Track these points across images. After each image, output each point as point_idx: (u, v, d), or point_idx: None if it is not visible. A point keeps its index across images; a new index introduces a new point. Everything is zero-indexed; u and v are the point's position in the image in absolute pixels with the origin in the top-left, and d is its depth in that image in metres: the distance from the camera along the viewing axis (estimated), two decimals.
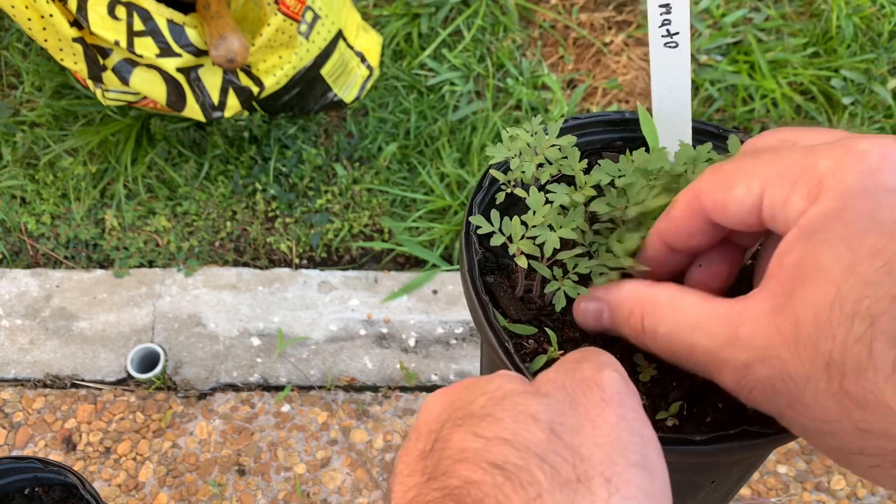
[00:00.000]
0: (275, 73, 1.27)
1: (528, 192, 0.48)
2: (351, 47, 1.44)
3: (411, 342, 1.29)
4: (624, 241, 0.45)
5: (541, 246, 0.47)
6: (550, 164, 0.51)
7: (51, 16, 1.07)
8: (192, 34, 1.14)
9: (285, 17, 1.18)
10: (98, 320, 1.30)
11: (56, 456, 1.18)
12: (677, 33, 0.49)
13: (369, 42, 1.51)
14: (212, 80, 1.22)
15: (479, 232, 0.49)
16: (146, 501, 1.15)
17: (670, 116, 0.53)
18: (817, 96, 1.54)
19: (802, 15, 1.66)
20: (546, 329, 0.49)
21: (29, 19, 1.08)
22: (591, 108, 1.55)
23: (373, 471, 1.17)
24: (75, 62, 1.14)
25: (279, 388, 1.25)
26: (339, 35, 1.39)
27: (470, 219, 0.49)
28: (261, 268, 1.38)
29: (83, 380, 1.25)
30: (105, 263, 1.39)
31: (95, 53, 1.13)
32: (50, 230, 1.42)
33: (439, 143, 1.47)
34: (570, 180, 0.53)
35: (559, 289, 0.48)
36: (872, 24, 1.61)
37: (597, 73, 1.59)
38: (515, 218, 0.48)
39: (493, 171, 0.53)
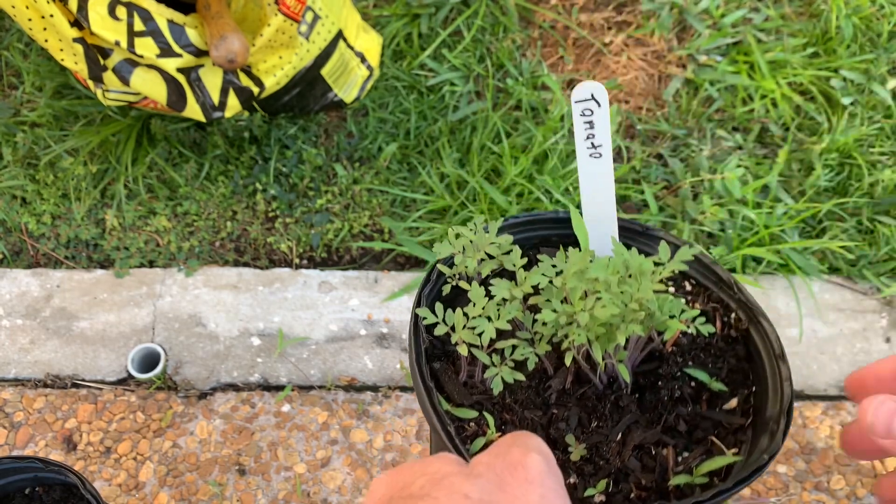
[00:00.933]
0: (275, 74, 1.27)
1: (470, 286, 0.54)
2: (351, 47, 1.44)
3: None
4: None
5: (480, 335, 0.52)
6: (492, 258, 0.57)
7: (51, 16, 1.07)
8: (192, 34, 1.14)
9: (285, 18, 1.18)
10: (98, 320, 1.30)
11: (56, 456, 1.18)
12: (600, 145, 0.54)
13: (369, 42, 1.51)
14: (212, 81, 1.22)
15: (425, 322, 0.54)
16: (146, 501, 1.15)
17: (598, 216, 0.59)
18: (817, 96, 1.54)
19: (802, 15, 1.66)
20: (485, 413, 0.54)
21: (29, 19, 1.08)
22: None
23: (373, 471, 1.17)
24: (76, 62, 1.14)
25: (279, 388, 1.25)
26: (340, 35, 1.39)
27: (416, 310, 0.54)
28: (261, 268, 1.38)
29: (84, 380, 1.25)
30: (105, 263, 1.39)
31: (96, 54, 1.14)
32: (50, 230, 1.42)
33: (439, 143, 1.47)
34: (510, 275, 0.58)
35: (497, 374, 0.53)
36: (872, 24, 1.61)
37: (596, 74, 1.59)
38: (458, 310, 0.53)
39: (439, 266, 0.58)
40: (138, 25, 1.10)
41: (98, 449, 1.19)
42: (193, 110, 1.23)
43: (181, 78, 1.18)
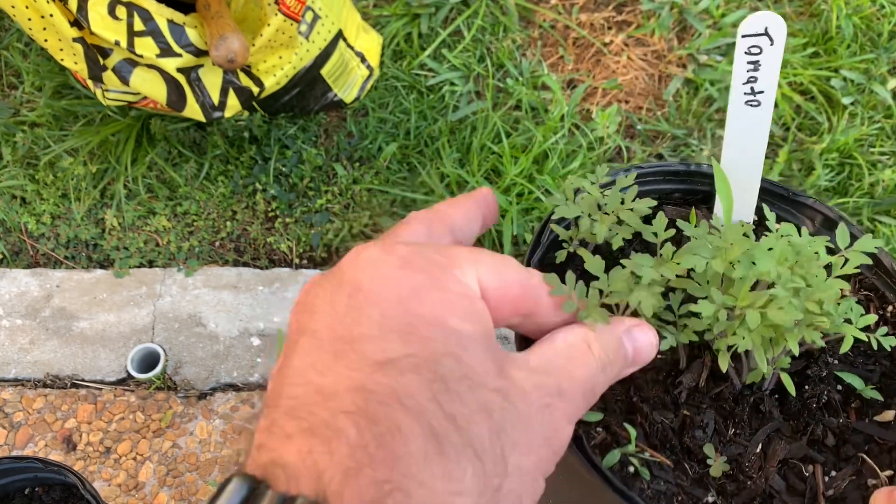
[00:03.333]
0: (275, 74, 1.27)
1: (590, 252, 0.44)
2: (351, 47, 1.44)
3: None
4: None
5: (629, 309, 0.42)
6: (621, 225, 0.47)
7: (51, 16, 1.07)
8: (192, 34, 1.14)
9: (285, 18, 1.18)
10: (98, 320, 1.30)
11: (56, 456, 1.18)
12: (762, 92, 0.46)
13: (369, 42, 1.51)
14: (212, 81, 1.22)
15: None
16: (146, 501, 1.15)
17: (741, 176, 0.50)
18: (817, 96, 1.54)
19: (802, 15, 1.66)
20: (625, 423, 0.46)
21: (29, 19, 1.08)
22: (591, 108, 1.55)
23: None
24: (75, 62, 1.14)
25: None
26: (340, 35, 1.39)
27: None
28: (261, 268, 1.38)
29: (83, 380, 1.25)
30: (105, 263, 1.39)
31: (96, 53, 1.13)
32: (50, 230, 1.42)
33: (439, 143, 1.47)
34: (644, 244, 0.50)
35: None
36: (872, 24, 1.61)
37: (597, 74, 1.59)
38: (593, 287, 0.42)
39: (554, 227, 0.50)
40: (138, 25, 1.10)
41: (98, 449, 1.19)
42: (193, 110, 1.23)
43: (181, 78, 1.18)
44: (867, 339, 0.45)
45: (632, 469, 0.45)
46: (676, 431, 0.47)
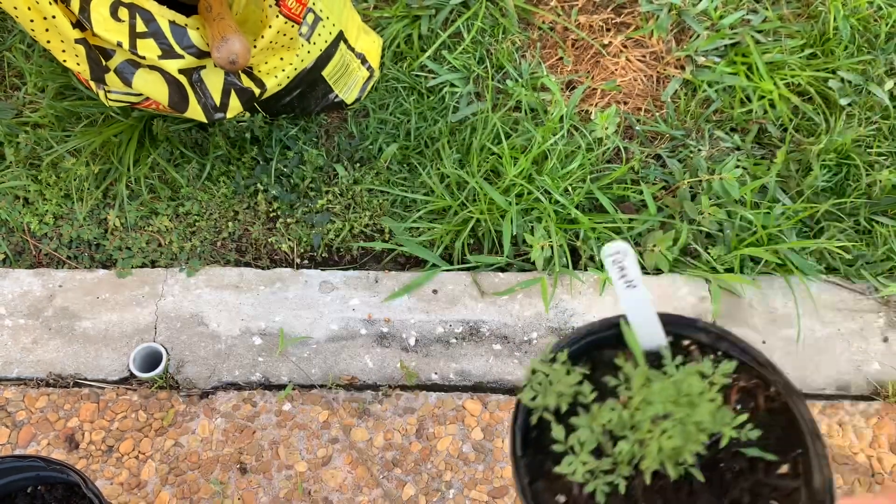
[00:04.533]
0: (276, 75, 1.28)
1: (553, 419, 0.66)
2: (352, 49, 1.45)
3: (411, 341, 1.29)
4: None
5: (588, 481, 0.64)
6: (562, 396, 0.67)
7: (53, 17, 1.08)
8: (194, 36, 1.15)
9: (286, 20, 1.19)
10: (101, 320, 1.31)
11: (59, 454, 1.19)
12: (632, 280, 0.69)
13: (370, 44, 1.52)
14: (214, 82, 1.23)
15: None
16: (148, 500, 1.16)
17: (644, 326, 0.72)
18: (815, 97, 1.55)
19: (800, 16, 1.67)
20: None
21: (32, 21, 1.09)
22: (590, 109, 1.56)
23: (373, 468, 1.18)
24: (78, 63, 1.15)
25: (281, 387, 1.25)
26: (340, 37, 1.40)
27: (516, 452, 0.67)
28: (262, 268, 1.39)
29: (86, 379, 1.26)
30: (108, 263, 1.40)
31: (98, 55, 1.14)
32: (53, 230, 1.42)
33: (439, 143, 1.48)
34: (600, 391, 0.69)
35: (596, 487, 0.63)
36: (870, 25, 1.62)
37: (595, 75, 1.60)
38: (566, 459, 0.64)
39: (525, 402, 0.69)
40: (140, 27, 1.11)
41: (100, 448, 1.19)
42: (195, 111, 1.23)
43: (183, 79, 1.19)
44: (739, 436, 0.63)
45: None
46: None
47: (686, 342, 0.75)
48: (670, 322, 0.74)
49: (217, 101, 1.24)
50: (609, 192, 1.42)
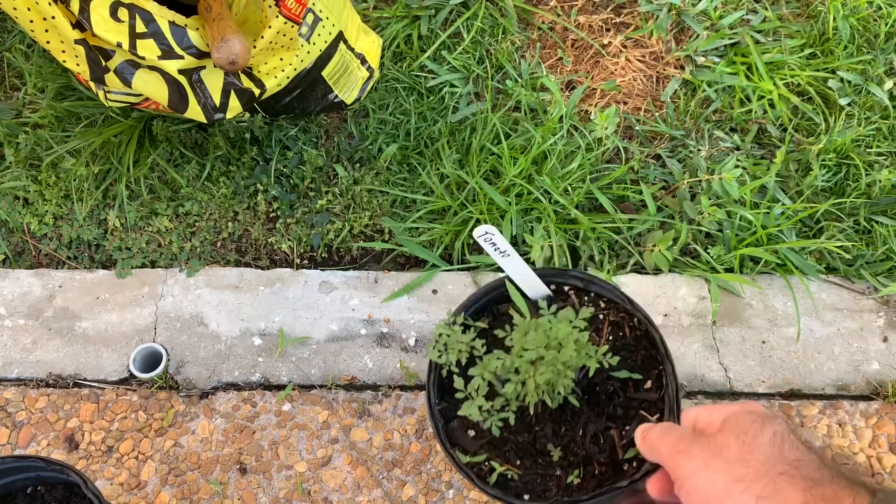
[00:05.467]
0: (276, 75, 1.28)
1: (456, 373, 0.84)
2: (352, 49, 1.45)
3: (411, 341, 1.29)
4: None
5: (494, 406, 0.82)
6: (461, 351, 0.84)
7: (53, 18, 1.08)
8: (193, 36, 1.15)
9: (286, 20, 1.19)
10: (100, 320, 1.31)
11: (58, 455, 1.19)
12: (505, 250, 0.84)
13: (370, 44, 1.52)
14: (213, 82, 1.23)
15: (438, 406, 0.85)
16: (148, 500, 1.16)
17: (528, 283, 0.89)
18: (814, 97, 1.55)
19: (799, 16, 1.67)
20: (491, 461, 0.81)
21: (31, 21, 1.09)
22: (589, 109, 1.56)
23: (373, 469, 1.18)
24: (77, 64, 1.15)
25: (280, 387, 1.25)
26: (340, 37, 1.40)
27: (432, 399, 0.86)
28: (262, 268, 1.39)
29: (86, 379, 1.26)
30: (107, 264, 1.40)
31: (98, 55, 1.14)
32: (52, 231, 1.42)
33: (439, 144, 1.48)
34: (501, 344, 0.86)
35: (491, 422, 0.79)
36: (869, 25, 1.62)
37: (595, 75, 1.60)
38: (468, 402, 0.81)
39: (433, 360, 0.85)
40: (140, 27, 1.11)
41: (100, 448, 1.19)
42: (195, 112, 1.23)
43: (183, 79, 1.19)
44: (603, 364, 0.79)
45: (510, 477, 0.80)
46: (531, 443, 0.81)
47: (566, 287, 0.91)
48: (548, 275, 0.90)
49: (217, 101, 1.24)
50: (609, 192, 1.42)
